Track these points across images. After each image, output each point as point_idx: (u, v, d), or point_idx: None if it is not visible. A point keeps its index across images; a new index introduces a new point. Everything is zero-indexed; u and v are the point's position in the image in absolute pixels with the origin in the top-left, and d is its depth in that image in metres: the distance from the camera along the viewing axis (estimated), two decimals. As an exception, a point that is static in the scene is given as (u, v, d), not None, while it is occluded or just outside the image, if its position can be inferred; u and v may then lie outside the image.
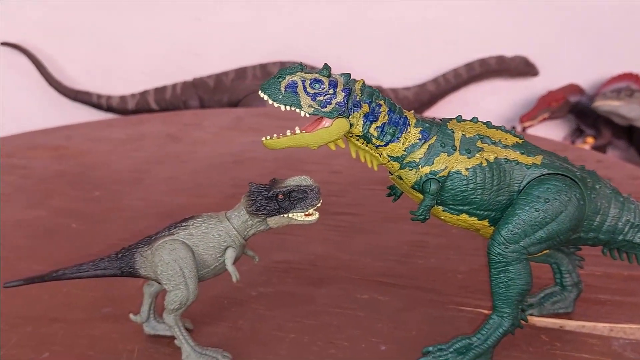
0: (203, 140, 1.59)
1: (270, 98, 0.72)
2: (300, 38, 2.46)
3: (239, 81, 2.37)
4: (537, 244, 0.72)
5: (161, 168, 1.40)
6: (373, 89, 0.73)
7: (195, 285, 0.75)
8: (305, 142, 0.73)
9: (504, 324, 0.74)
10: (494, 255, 0.72)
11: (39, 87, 2.45)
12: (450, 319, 0.85)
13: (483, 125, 0.76)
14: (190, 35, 2.46)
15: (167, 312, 0.75)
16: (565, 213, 0.72)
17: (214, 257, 0.75)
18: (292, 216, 0.75)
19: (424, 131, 0.73)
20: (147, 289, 0.80)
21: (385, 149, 0.73)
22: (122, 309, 0.87)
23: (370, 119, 0.72)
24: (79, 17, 2.43)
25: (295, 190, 0.74)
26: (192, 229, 0.75)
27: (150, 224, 1.13)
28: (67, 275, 0.77)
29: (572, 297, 0.85)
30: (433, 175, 0.72)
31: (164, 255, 0.74)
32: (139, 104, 2.40)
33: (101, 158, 1.47)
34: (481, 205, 0.73)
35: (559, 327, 0.83)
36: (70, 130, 1.69)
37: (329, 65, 0.73)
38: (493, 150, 0.73)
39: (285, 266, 1.00)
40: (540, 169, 0.74)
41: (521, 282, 0.72)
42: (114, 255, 0.77)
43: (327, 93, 0.71)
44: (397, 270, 0.98)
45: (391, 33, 2.47)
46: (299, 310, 0.88)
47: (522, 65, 2.49)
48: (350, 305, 0.89)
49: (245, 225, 0.75)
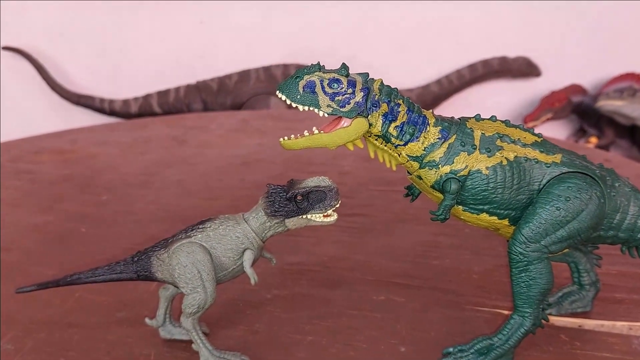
0: (209, 143, 1.59)
1: (288, 98, 0.71)
2: (304, 41, 2.46)
3: (242, 84, 2.37)
4: (558, 243, 0.72)
5: (170, 171, 1.40)
6: (391, 88, 0.73)
7: (213, 288, 0.74)
8: (323, 142, 0.72)
9: (525, 323, 0.73)
10: (515, 255, 0.72)
11: (41, 92, 2.44)
12: (469, 320, 0.84)
13: (502, 123, 0.75)
14: (194, 39, 2.45)
15: (185, 316, 0.74)
16: (587, 211, 0.72)
17: (232, 260, 0.74)
18: (311, 217, 0.74)
19: (443, 130, 0.72)
20: (163, 292, 0.79)
21: (405, 148, 0.72)
22: (136, 314, 0.87)
23: (389, 118, 0.71)
24: (82, 21, 2.42)
25: (313, 191, 0.73)
26: (209, 231, 0.74)
27: (161, 227, 1.13)
28: (82, 280, 0.77)
29: (590, 296, 0.85)
30: (453, 175, 0.71)
31: (182, 258, 0.73)
32: (142, 107, 2.39)
33: (108, 161, 1.46)
34: (501, 204, 0.72)
35: (578, 326, 0.83)
36: (75, 134, 1.68)
37: (347, 65, 0.72)
38: (513, 149, 0.73)
39: (298, 268, 0.99)
40: (560, 167, 0.73)
41: (542, 282, 0.72)
42: (130, 259, 0.77)
43: (345, 93, 0.70)
44: (411, 271, 0.97)
45: (394, 35, 2.47)
46: (315, 313, 0.87)
47: (524, 66, 2.49)
48: (366, 307, 0.88)
49: (264, 227, 0.74)
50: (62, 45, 2.43)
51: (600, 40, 2.46)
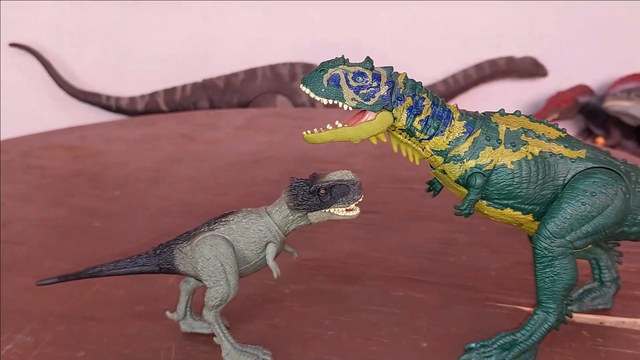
0: (218, 140, 1.58)
1: (312, 91, 0.70)
2: (310, 39, 2.45)
3: (248, 82, 2.37)
4: (583, 238, 0.71)
5: (180, 167, 1.39)
6: (415, 82, 0.73)
7: (236, 281, 0.73)
8: (347, 135, 0.71)
9: (549, 319, 0.73)
10: (539, 250, 0.71)
11: (48, 89, 2.44)
12: (489, 316, 0.84)
13: (526, 118, 0.75)
14: (200, 36, 2.45)
15: (208, 309, 0.74)
16: (612, 206, 0.71)
17: (255, 253, 0.74)
18: (334, 211, 0.73)
19: (468, 124, 0.72)
20: (184, 286, 0.79)
21: (429, 142, 0.72)
22: (155, 307, 0.86)
23: (414, 112, 0.71)
24: (89, 19, 2.41)
25: (337, 184, 0.73)
26: (232, 225, 0.74)
27: (174, 222, 1.12)
28: (104, 272, 0.76)
29: (611, 293, 0.84)
30: (478, 169, 0.71)
31: (205, 251, 0.72)
32: (149, 105, 2.39)
33: (118, 157, 1.46)
34: (526, 199, 0.72)
35: (599, 323, 0.83)
36: (84, 131, 1.68)
37: (371, 58, 0.72)
38: (537, 144, 0.72)
39: (315, 264, 0.98)
40: (585, 162, 0.73)
41: (567, 277, 0.71)
42: (152, 252, 0.76)
43: (370, 86, 0.70)
44: (429, 267, 0.97)
45: (401, 34, 2.47)
46: (334, 308, 0.87)
47: (531, 66, 2.49)
48: (385, 303, 0.87)
49: (286, 221, 0.74)
50: (69, 43, 2.43)
51: (608, 41, 2.46)
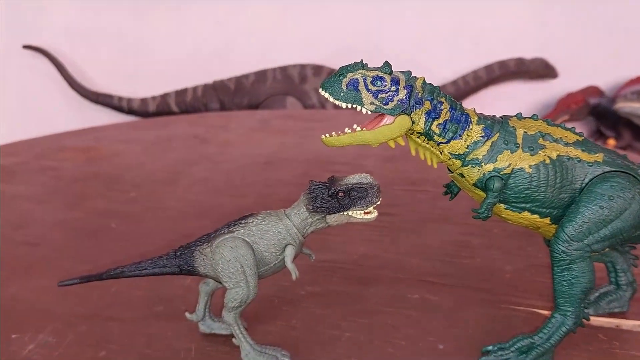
0: (232, 141, 1.59)
1: (331, 96, 0.71)
2: (320, 42, 2.46)
3: (259, 84, 2.38)
4: (601, 242, 0.72)
5: (195, 169, 1.40)
6: (434, 86, 0.73)
7: (256, 283, 0.74)
8: (366, 139, 0.72)
9: (567, 322, 0.73)
10: (557, 253, 0.72)
11: (61, 90, 2.46)
12: (505, 319, 0.85)
13: (543, 122, 0.75)
14: (211, 39, 2.47)
15: (227, 310, 0.74)
16: (630, 210, 0.72)
17: (274, 255, 0.75)
18: (352, 214, 0.74)
19: (486, 128, 0.73)
20: (204, 287, 0.80)
21: (447, 146, 0.73)
22: (174, 308, 0.87)
23: (432, 116, 0.72)
24: (101, 21, 2.43)
25: (355, 187, 0.74)
26: (252, 227, 0.74)
27: (191, 223, 1.13)
28: (125, 274, 0.77)
29: (627, 296, 0.85)
30: (496, 173, 0.72)
31: (225, 252, 0.73)
32: (160, 106, 2.40)
33: (133, 159, 1.47)
34: (544, 202, 0.73)
35: (615, 326, 0.83)
36: (98, 132, 1.69)
37: (389, 63, 0.73)
38: (555, 148, 0.73)
39: (330, 265, 0.99)
40: (603, 166, 0.73)
41: (585, 280, 0.72)
42: (173, 253, 0.77)
43: (389, 90, 0.71)
44: (443, 269, 0.97)
45: (411, 35, 2.47)
46: (350, 309, 0.87)
47: (541, 68, 2.49)
48: (402, 305, 0.88)
49: (305, 223, 0.75)
50: (82, 45, 2.45)
51: (618, 42, 2.46)
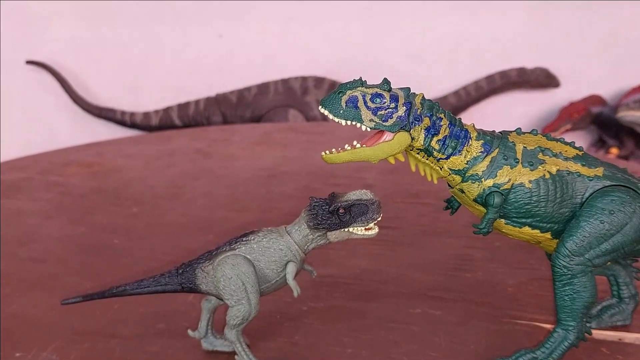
0: (234, 155, 1.60)
1: (330, 113, 0.72)
2: (321, 54, 2.48)
3: (261, 97, 2.39)
4: (602, 256, 0.72)
5: (197, 183, 1.41)
6: (433, 102, 0.74)
7: (257, 300, 0.74)
8: (365, 156, 0.73)
9: (569, 337, 0.73)
10: (559, 268, 0.72)
11: (64, 105, 2.47)
12: (508, 333, 0.84)
13: (543, 137, 0.76)
14: (213, 52, 2.48)
15: (229, 328, 0.75)
16: (630, 224, 0.72)
17: (275, 272, 0.75)
18: (353, 230, 0.74)
19: (485, 144, 0.73)
20: (206, 304, 0.80)
21: (447, 162, 0.73)
22: (176, 325, 0.87)
23: (432, 132, 0.72)
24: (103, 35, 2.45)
25: (356, 204, 0.74)
26: (253, 244, 0.75)
27: (194, 238, 1.14)
28: (127, 292, 0.77)
29: (630, 310, 0.84)
30: (496, 188, 0.72)
31: (227, 270, 0.74)
32: (162, 120, 2.41)
33: (136, 174, 1.48)
34: (544, 217, 0.73)
35: (618, 339, 0.83)
36: (101, 147, 1.70)
37: (388, 80, 0.73)
38: (555, 163, 0.73)
39: (331, 280, 0.99)
40: (603, 180, 0.73)
41: (586, 295, 0.72)
42: (175, 271, 0.77)
43: (388, 107, 0.71)
44: (446, 284, 0.97)
45: (413, 46, 2.48)
46: (352, 325, 0.87)
47: (543, 77, 2.49)
48: (403, 320, 0.88)
49: (306, 240, 0.75)
50: (84, 59, 2.47)
51: (619, 51, 2.46)
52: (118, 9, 2.44)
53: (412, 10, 2.44)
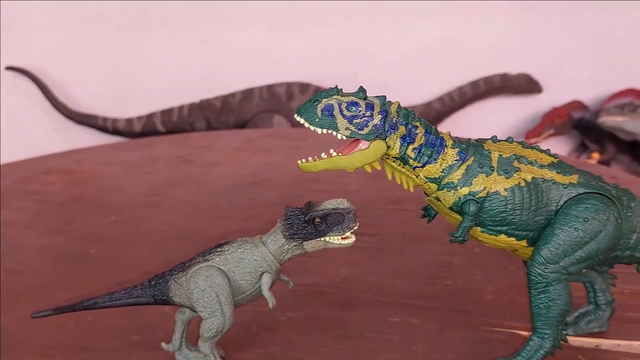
0: (216, 162, 1.59)
1: (306, 121, 0.72)
2: (307, 59, 2.47)
3: (245, 102, 2.38)
4: (577, 264, 0.72)
5: (178, 191, 1.40)
6: (409, 110, 0.73)
7: (232, 312, 0.74)
8: (341, 164, 0.72)
9: (545, 345, 0.73)
10: (534, 276, 0.72)
11: (45, 111, 2.45)
12: (486, 341, 0.84)
13: (518, 145, 0.76)
14: (197, 58, 2.47)
15: (203, 340, 0.74)
16: (604, 232, 0.72)
17: (250, 283, 0.74)
18: (329, 240, 0.74)
19: (461, 152, 0.73)
20: (180, 316, 0.79)
21: (423, 170, 0.73)
22: (151, 337, 0.86)
23: (407, 140, 0.72)
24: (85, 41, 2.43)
25: (332, 213, 0.74)
26: (227, 255, 0.74)
27: (173, 248, 1.13)
28: (98, 304, 0.76)
29: (606, 316, 0.85)
30: (472, 196, 0.72)
31: (200, 282, 0.73)
32: (146, 126, 2.40)
33: (116, 182, 1.46)
34: (520, 225, 0.73)
35: (595, 346, 0.83)
36: (81, 154, 1.68)
37: (364, 88, 0.73)
38: (530, 170, 0.73)
39: (310, 289, 0.99)
40: (577, 188, 0.74)
41: (562, 303, 0.72)
42: (147, 283, 0.76)
43: (364, 115, 0.71)
44: (425, 291, 0.97)
45: (397, 53, 2.48)
46: (330, 335, 0.87)
47: (525, 83, 2.51)
48: (382, 329, 0.88)
49: (282, 250, 0.74)
50: (66, 65, 2.44)
51: (601, 57, 2.48)
52: (100, 15, 2.42)
53: (397, 18, 2.44)
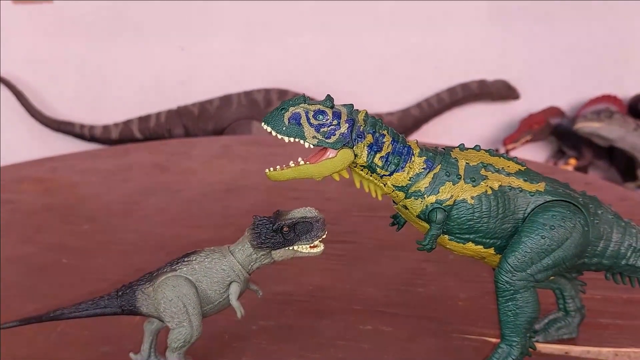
0: (192, 169, 1.58)
1: (273, 130, 0.71)
2: (285, 66, 2.47)
3: (224, 109, 2.37)
4: (544, 271, 0.72)
5: (152, 199, 1.38)
6: (376, 119, 0.74)
7: (199, 322, 0.73)
8: (309, 173, 0.72)
9: (513, 352, 0.73)
10: (501, 284, 0.72)
11: (21, 119, 2.42)
12: (457, 349, 0.84)
13: (485, 153, 0.76)
14: (175, 65, 2.46)
15: (171, 351, 0.73)
16: (571, 239, 0.72)
17: (218, 293, 0.74)
18: (298, 248, 0.74)
19: (428, 160, 0.73)
20: (148, 326, 0.78)
21: (390, 178, 0.73)
22: (120, 347, 0.85)
23: (375, 149, 0.72)
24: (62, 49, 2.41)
25: (300, 222, 0.73)
26: (195, 264, 0.73)
27: (144, 257, 1.11)
28: (65, 315, 0.75)
29: (576, 323, 0.85)
30: (439, 205, 0.72)
31: (167, 292, 0.72)
32: (123, 133, 2.38)
33: (90, 190, 1.45)
34: (487, 233, 0.73)
35: (565, 353, 0.83)
36: (55, 162, 1.66)
37: (332, 97, 0.73)
38: (497, 178, 0.73)
39: (284, 298, 0.98)
40: (544, 195, 0.74)
41: (529, 310, 0.72)
42: (114, 293, 0.75)
43: (331, 124, 0.71)
44: (398, 299, 0.97)
45: (375, 60, 2.50)
46: (302, 344, 0.86)
47: (503, 89, 2.53)
48: (354, 337, 0.87)
49: (250, 259, 0.74)
50: (42, 72, 2.42)
51: (577, 63, 2.51)
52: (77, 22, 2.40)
53: (375, 25, 2.46)
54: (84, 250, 1.16)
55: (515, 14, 2.47)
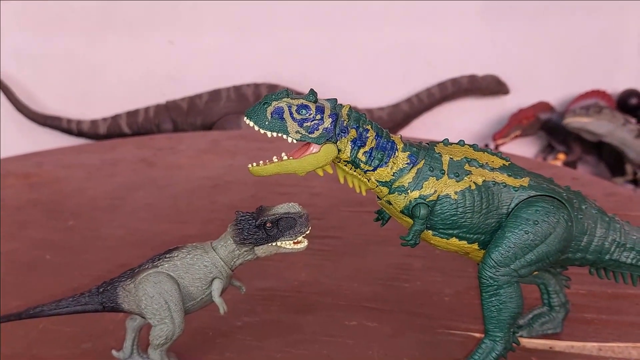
0: (179, 164, 1.57)
1: (256, 124, 0.70)
2: (275, 61, 2.46)
3: (212, 103, 2.36)
4: (528, 266, 0.72)
5: (139, 194, 1.37)
6: (360, 114, 0.73)
7: (182, 319, 0.72)
8: (292, 168, 0.71)
9: (496, 347, 0.73)
10: (485, 279, 0.72)
11: (7, 113, 2.40)
12: (441, 344, 0.84)
13: (470, 148, 0.76)
14: (164, 59, 2.44)
15: (153, 348, 0.72)
16: (554, 235, 0.72)
17: (201, 289, 0.73)
18: (281, 244, 0.73)
19: (411, 155, 0.73)
20: (130, 323, 0.78)
21: (374, 174, 0.72)
22: (102, 344, 0.84)
23: (358, 144, 0.71)
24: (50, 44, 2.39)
25: (283, 217, 0.73)
26: (177, 261, 0.73)
27: (130, 253, 1.10)
28: (45, 312, 0.74)
29: (560, 318, 0.85)
30: (422, 200, 0.71)
31: (148, 288, 0.71)
32: (111, 128, 2.36)
33: (75, 185, 1.43)
34: (470, 228, 0.73)
35: (549, 348, 0.83)
36: (41, 157, 1.65)
37: (315, 91, 0.72)
38: (481, 173, 0.73)
39: (268, 294, 0.98)
40: (528, 190, 0.74)
41: (513, 305, 0.72)
42: (95, 290, 0.75)
43: (314, 119, 0.70)
44: (383, 294, 0.97)
45: (365, 55, 2.49)
46: (287, 340, 0.86)
47: (493, 84, 2.53)
48: (339, 333, 0.87)
49: (232, 255, 0.73)
50: (29, 67, 2.40)
51: (567, 59, 2.52)
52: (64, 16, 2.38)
53: (365, 20, 2.45)
54: (68, 246, 1.14)
55: (505, 9, 2.47)
